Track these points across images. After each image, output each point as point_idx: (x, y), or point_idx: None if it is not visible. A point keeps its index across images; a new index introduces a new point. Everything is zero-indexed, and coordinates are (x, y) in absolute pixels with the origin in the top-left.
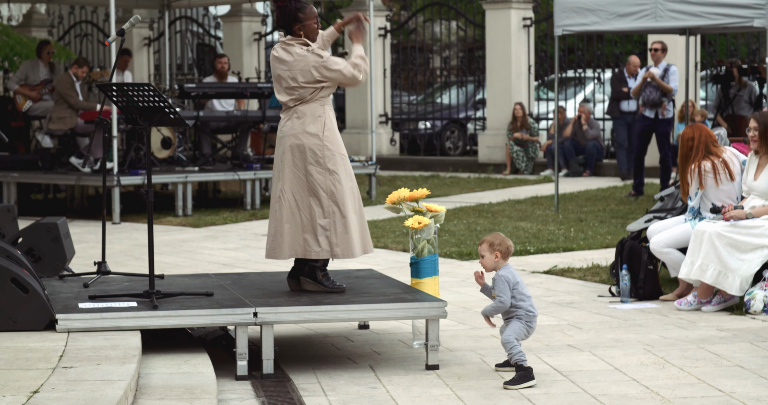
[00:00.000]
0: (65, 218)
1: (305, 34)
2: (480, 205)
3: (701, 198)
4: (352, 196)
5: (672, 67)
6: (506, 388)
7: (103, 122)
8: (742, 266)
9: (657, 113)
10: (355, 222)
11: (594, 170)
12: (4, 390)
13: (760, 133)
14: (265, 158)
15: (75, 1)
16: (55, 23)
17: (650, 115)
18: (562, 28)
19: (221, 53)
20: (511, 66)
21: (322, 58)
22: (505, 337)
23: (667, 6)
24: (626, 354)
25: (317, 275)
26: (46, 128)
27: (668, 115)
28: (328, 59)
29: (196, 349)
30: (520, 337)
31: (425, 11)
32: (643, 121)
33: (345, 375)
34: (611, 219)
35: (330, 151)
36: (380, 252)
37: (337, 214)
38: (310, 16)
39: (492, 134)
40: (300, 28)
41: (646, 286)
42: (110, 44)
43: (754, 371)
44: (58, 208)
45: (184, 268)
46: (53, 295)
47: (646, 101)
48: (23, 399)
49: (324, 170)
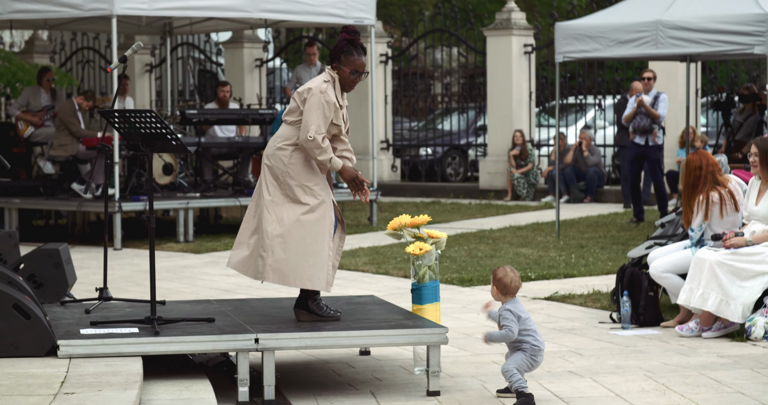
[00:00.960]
0: (67, 244)
1: (339, 74)
2: (481, 232)
3: (704, 227)
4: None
5: (662, 94)
6: None
7: (105, 148)
8: (743, 293)
9: (647, 140)
10: (299, 251)
11: (595, 197)
12: None
13: (760, 159)
14: None
15: (77, 27)
16: (57, 49)
17: (641, 141)
18: (563, 55)
19: (224, 81)
20: (512, 92)
21: (317, 97)
22: (505, 366)
23: (668, 33)
24: (627, 380)
25: (309, 305)
26: (48, 154)
27: (659, 141)
28: (325, 101)
29: (198, 375)
30: (522, 368)
31: (426, 38)
32: (634, 148)
33: (346, 401)
34: (612, 245)
35: (293, 179)
36: (381, 278)
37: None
38: (349, 64)
39: (493, 160)
40: (336, 67)
41: (646, 313)
42: (112, 71)
43: (755, 398)
44: (59, 234)
45: (185, 294)
46: (55, 321)
47: (637, 128)
48: None
49: (283, 195)
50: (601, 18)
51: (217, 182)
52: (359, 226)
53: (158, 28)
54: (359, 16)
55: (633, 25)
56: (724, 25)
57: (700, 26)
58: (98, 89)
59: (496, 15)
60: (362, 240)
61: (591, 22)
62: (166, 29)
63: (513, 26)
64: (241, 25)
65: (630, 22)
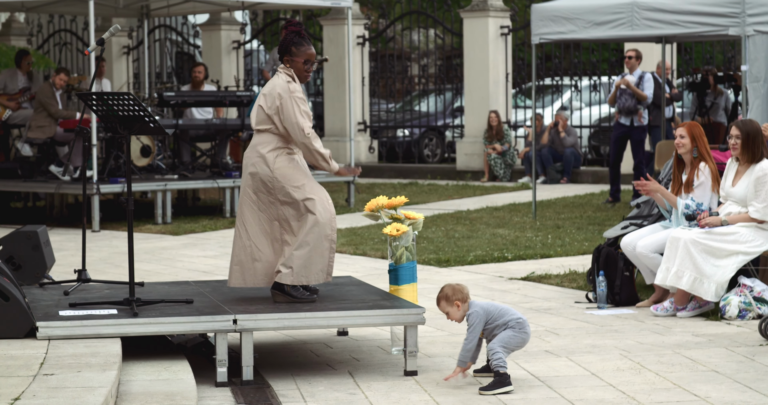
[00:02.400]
0: (45, 226)
1: (292, 67)
2: (458, 213)
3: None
4: (306, 223)
5: (647, 74)
6: (481, 393)
7: (83, 131)
8: (717, 272)
9: (632, 120)
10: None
11: (571, 177)
12: None
13: (742, 141)
14: None
15: (54, 10)
16: (34, 32)
17: (626, 122)
18: (539, 37)
19: (198, 62)
20: (488, 74)
21: (289, 100)
22: (491, 346)
23: (644, 14)
24: (603, 359)
25: (284, 286)
26: (26, 137)
27: (644, 122)
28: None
29: (176, 356)
30: (511, 345)
31: (403, 19)
32: (618, 129)
33: (324, 381)
34: (588, 226)
35: (279, 182)
36: (359, 259)
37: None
38: (301, 54)
39: (470, 142)
40: (288, 60)
41: (622, 293)
42: (90, 53)
43: (729, 376)
44: (37, 216)
45: (163, 275)
46: (34, 303)
47: (622, 108)
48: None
49: (274, 199)
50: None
51: (195, 164)
52: (337, 207)
53: (135, 10)
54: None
55: (609, 6)
56: (699, 7)
57: (675, 7)
58: (75, 71)
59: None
60: (340, 221)
61: (567, 4)
62: (144, 11)
63: (489, 8)
64: (218, 7)
65: (606, 4)
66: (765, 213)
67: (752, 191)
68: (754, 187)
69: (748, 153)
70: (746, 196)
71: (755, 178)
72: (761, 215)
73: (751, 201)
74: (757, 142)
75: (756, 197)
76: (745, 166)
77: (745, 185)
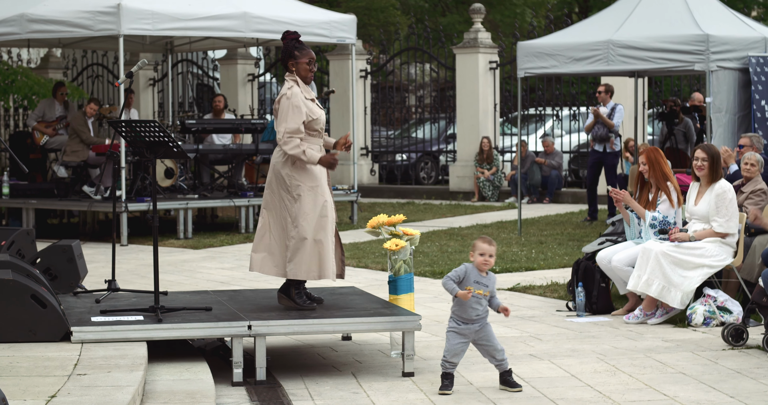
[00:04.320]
0: (78, 241)
1: (297, 71)
2: (451, 229)
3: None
4: (317, 223)
5: (618, 106)
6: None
7: (113, 155)
8: (684, 282)
9: (605, 147)
10: (312, 246)
11: (553, 198)
12: (25, 394)
13: (709, 164)
14: (258, 187)
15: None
16: (70, 65)
17: (599, 148)
18: (524, 71)
19: (218, 93)
20: (478, 104)
21: (285, 103)
22: (501, 346)
23: (618, 51)
24: (581, 362)
25: (291, 292)
26: (61, 160)
27: (616, 148)
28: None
29: (196, 359)
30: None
31: (402, 55)
32: (593, 155)
33: (330, 381)
34: (568, 241)
35: (297, 180)
36: (361, 271)
37: (295, 238)
38: (303, 55)
39: (462, 165)
40: (293, 64)
41: (599, 302)
42: (120, 85)
43: (695, 377)
44: (72, 231)
45: (185, 285)
46: (68, 310)
47: (596, 136)
48: (42, 403)
49: (291, 197)
50: (559, 38)
51: (214, 185)
52: (341, 224)
53: (161, 46)
54: (341, 35)
55: (587, 44)
56: (668, 45)
57: (646, 45)
58: (107, 101)
59: (465, 35)
60: (344, 237)
61: (549, 42)
62: (168, 47)
63: (479, 45)
64: (235, 43)
65: (584, 42)
66: (727, 227)
67: (713, 208)
68: (715, 204)
69: (711, 173)
70: (708, 213)
71: (715, 195)
72: (724, 229)
73: (713, 216)
74: (719, 163)
75: (717, 213)
76: (706, 187)
77: (707, 203)
